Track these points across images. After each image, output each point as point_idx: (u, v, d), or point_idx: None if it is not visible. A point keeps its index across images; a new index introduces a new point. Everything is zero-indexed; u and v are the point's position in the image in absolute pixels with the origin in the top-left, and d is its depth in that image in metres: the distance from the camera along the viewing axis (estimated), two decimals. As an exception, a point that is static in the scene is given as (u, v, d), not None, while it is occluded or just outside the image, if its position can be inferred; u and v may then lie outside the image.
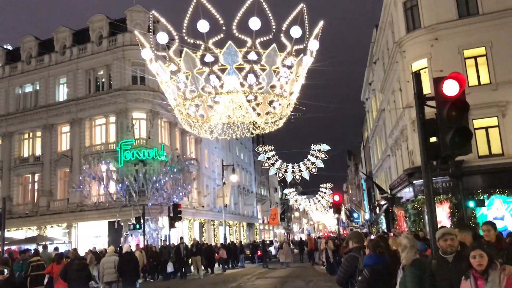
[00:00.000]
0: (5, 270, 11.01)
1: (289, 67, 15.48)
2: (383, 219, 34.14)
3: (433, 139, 6.22)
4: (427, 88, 6.35)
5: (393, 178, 30.40)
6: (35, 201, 36.46)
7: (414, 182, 22.72)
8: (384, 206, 31.33)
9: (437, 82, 6.07)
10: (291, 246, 38.48)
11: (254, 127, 18.87)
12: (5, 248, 21.14)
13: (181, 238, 27.20)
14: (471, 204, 17.82)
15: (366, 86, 43.41)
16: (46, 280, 13.15)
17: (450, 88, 5.92)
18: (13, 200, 36.16)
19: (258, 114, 17.82)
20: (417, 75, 6.54)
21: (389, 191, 31.07)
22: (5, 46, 42.74)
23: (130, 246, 16.78)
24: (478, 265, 4.15)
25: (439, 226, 6.29)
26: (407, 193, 25.37)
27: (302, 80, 16.49)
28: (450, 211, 20.22)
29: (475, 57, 21.84)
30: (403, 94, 24.61)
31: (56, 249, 21.29)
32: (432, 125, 6.13)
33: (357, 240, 6.49)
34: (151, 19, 15.71)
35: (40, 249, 19.69)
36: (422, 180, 20.69)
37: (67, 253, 17.42)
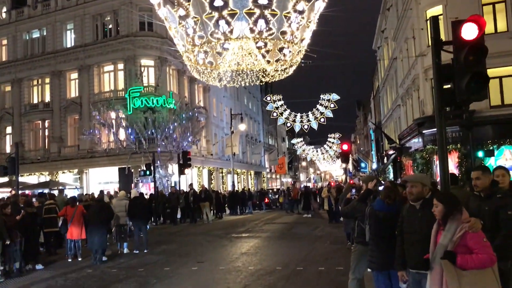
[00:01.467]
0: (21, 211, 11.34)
1: (301, 13, 15.08)
2: (390, 168, 34.31)
3: (448, 86, 6.10)
4: (442, 35, 6.14)
5: (403, 128, 30.29)
6: (46, 147, 36.95)
7: (423, 132, 22.61)
8: (392, 156, 31.41)
9: (456, 26, 5.87)
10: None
11: (264, 75, 18.66)
12: (19, 192, 21.65)
13: (191, 184, 27.64)
14: (480, 154, 17.75)
15: (378, 34, 42.42)
16: (60, 223, 13.48)
17: (469, 32, 5.74)
18: (24, 145, 36.64)
19: (268, 62, 17.56)
20: (434, 19, 6.31)
21: (397, 141, 31.04)
22: (10, -10, 41.87)
23: (137, 191, 17.19)
24: (436, 214, 4.15)
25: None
26: (415, 143, 25.34)
27: (313, 26, 16.09)
28: (458, 160, 20.24)
29: (493, 4, 21.08)
30: (416, 42, 24.05)
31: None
32: (447, 71, 5.99)
33: (366, 184, 6.57)
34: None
35: (56, 193, 20.09)
36: (431, 130, 20.64)
37: (80, 197, 17.88)
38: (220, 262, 11.58)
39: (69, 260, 12.55)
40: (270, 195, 39.08)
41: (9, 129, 38.58)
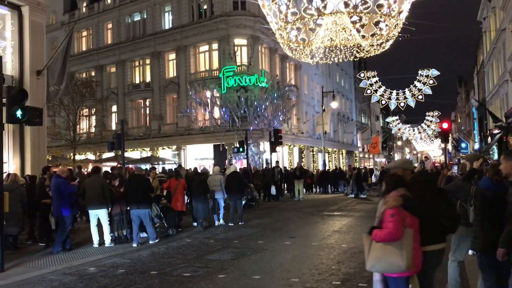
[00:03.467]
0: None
1: (399, -17, 14.36)
2: (495, 149, 31.93)
3: None
4: None
5: (510, 106, 27.96)
6: (147, 124, 39.32)
7: (535, 109, 20.70)
8: (498, 136, 29.18)
9: None
10: None
11: (358, 50, 18.15)
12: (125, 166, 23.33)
13: (277, 162, 27.85)
14: None
15: (484, 4, 39.17)
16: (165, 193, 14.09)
17: None
18: (128, 123, 39.25)
19: (363, 36, 17.03)
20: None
21: (504, 119, 28.75)
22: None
23: (236, 167, 17.69)
24: None
25: None
26: (525, 121, 23.30)
27: (412, -3, 15.27)
28: None
29: None
30: (530, 10, 21.87)
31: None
32: None
33: (470, 163, 6.20)
34: None
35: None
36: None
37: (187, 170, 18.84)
38: (313, 238, 11.66)
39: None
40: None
41: (114, 108, 41.54)
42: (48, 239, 11.48)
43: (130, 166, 28.50)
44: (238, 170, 17.75)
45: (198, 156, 35.47)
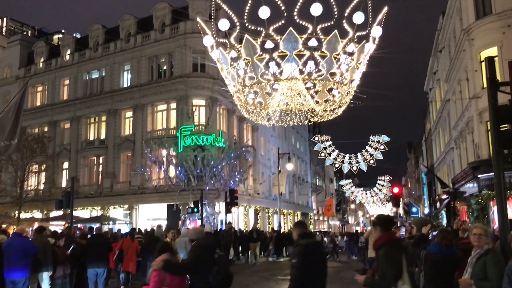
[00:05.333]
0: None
1: (350, 54, 15.12)
2: (443, 214, 32.96)
3: (505, 127, 5.90)
4: (497, 77, 6.00)
5: (456, 172, 29.23)
6: (99, 182, 38.25)
7: (479, 176, 21.72)
8: (446, 201, 30.21)
9: (513, 66, 5.74)
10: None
11: (312, 115, 18.68)
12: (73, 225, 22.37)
13: (229, 223, 27.44)
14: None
15: (430, 76, 41.82)
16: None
17: (527, 72, 5.58)
18: (79, 181, 38.07)
19: (317, 102, 17.61)
20: (490, 60, 6.20)
21: (451, 185, 29.92)
22: (74, 35, 44.86)
23: (210, 228, 17.41)
24: None
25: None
26: (470, 187, 24.32)
27: (363, 67, 16.08)
28: (518, 207, 19.16)
29: (552, 45, 20.41)
30: (470, 84, 23.50)
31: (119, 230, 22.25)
32: (505, 112, 5.80)
33: (418, 228, 6.36)
34: (212, 6, 15.88)
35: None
36: (487, 175, 19.79)
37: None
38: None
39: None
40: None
41: (65, 165, 40.35)
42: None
43: (79, 225, 27.37)
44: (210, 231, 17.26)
45: (151, 216, 34.55)
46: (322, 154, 43.52)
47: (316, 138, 43.65)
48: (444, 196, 32.18)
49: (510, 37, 20.79)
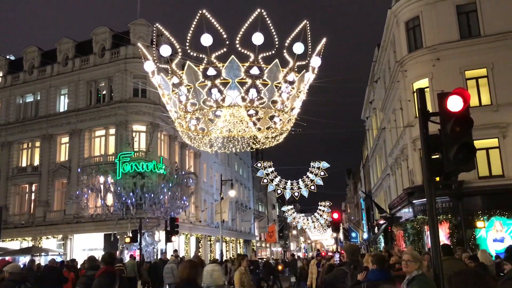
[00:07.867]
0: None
1: (291, 83, 15.44)
2: (381, 238, 33.88)
3: (436, 156, 6.15)
4: (428, 107, 6.32)
5: (393, 198, 30.25)
6: (31, 211, 36.21)
7: (413, 201, 22.60)
8: (383, 226, 31.12)
9: (442, 98, 6.03)
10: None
11: (254, 142, 18.80)
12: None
13: (175, 251, 26.71)
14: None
15: (366, 105, 43.50)
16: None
17: (455, 104, 5.88)
18: (9, 210, 35.89)
19: (259, 129, 17.75)
20: (421, 91, 6.49)
21: (388, 210, 30.89)
22: (8, 56, 42.91)
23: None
24: None
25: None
26: (406, 212, 25.21)
27: (303, 96, 16.46)
28: (449, 231, 20.07)
29: (476, 78, 21.91)
30: (404, 113, 24.64)
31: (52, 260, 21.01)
32: (435, 141, 6.07)
33: (350, 254, 6.37)
34: (154, 31, 15.74)
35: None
36: (422, 200, 20.61)
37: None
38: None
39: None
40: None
41: (-6, 193, 37.95)
42: None
43: (7, 258, 25.64)
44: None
45: (87, 247, 32.96)
46: (265, 180, 43.78)
47: (259, 165, 43.92)
48: (381, 221, 33.16)
49: (440, 69, 22.11)
